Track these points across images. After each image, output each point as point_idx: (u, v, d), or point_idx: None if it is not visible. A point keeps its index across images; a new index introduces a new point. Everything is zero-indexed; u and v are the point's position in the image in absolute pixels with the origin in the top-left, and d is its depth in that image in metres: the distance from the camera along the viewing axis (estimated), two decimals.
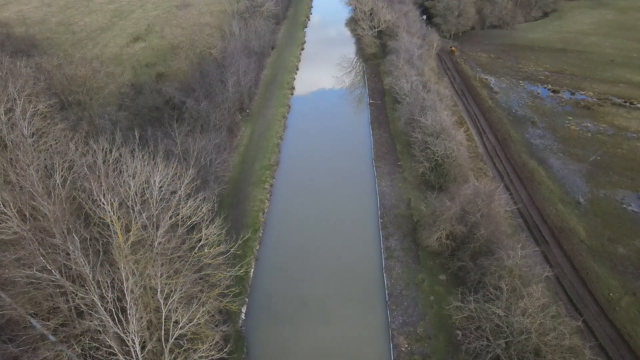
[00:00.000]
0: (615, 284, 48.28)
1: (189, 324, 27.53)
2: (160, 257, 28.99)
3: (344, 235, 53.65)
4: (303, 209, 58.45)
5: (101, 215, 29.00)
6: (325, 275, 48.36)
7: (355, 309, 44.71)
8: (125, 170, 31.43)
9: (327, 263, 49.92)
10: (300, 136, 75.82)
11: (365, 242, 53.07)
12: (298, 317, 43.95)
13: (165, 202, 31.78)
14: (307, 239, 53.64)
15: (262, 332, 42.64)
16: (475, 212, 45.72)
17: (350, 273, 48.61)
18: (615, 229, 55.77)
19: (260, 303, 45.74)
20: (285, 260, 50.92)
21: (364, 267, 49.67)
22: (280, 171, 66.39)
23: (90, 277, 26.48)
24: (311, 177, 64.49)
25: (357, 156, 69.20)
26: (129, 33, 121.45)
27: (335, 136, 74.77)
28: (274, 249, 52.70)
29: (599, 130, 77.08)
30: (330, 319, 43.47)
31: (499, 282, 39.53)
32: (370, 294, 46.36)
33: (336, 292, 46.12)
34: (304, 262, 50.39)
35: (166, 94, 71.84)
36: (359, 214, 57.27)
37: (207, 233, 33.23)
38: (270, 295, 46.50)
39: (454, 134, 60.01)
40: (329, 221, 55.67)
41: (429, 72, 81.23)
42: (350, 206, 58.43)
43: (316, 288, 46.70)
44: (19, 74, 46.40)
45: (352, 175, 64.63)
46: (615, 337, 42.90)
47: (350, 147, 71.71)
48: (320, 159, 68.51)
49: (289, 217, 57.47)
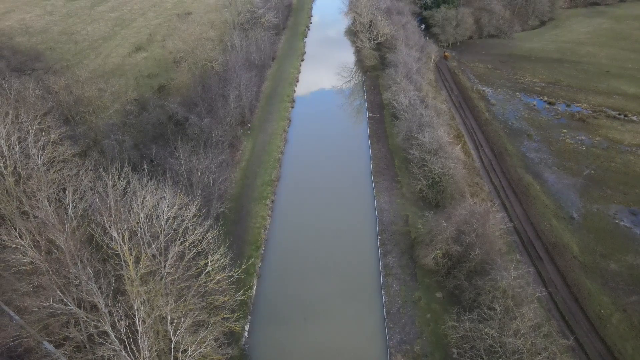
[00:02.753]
0: (606, 301, 49.78)
1: (198, 350, 29.06)
2: (168, 287, 30.50)
3: (343, 252, 55.20)
4: (304, 225, 60.00)
5: (113, 247, 30.50)
6: (325, 291, 49.89)
7: (354, 325, 46.28)
8: (134, 201, 32.93)
9: (327, 280, 51.45)
10: (300, 150, 77.33)
11: (364, 258, 54.64)
12: (299, 333, 45.51)
13: (172, 229, 33.28)
14: (308, 255, 55.17)
15: (264, 348, 44.17)
16: (470, 232, 47.29)
17: (349, 290, 50.18)
18: (607, 245, 57.24)
19: (263, 319, 47.27)
20: (286, 277, 52.47)
21: (363, 284, 51.25)
22: (281, 187, 67.94)
23: (102, 306, 28.00)
24: (312, 193, 66.01)
25: (356, 171, 70.75)
26: (130, 42, 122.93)
27: (334, 151, 76.27)
28: (276, 265, 54.24)
29: (593, 144, 78.61)
30: (330, 335, 45.02)
31: (493, 302, 41.14)
32: (368, 311, 47.91)
33: (336, 309, 47.70)
34: (304, 278, 51.95)
35: (169, 110, 73.36)
36: (358, 230, 58.84)
37: (213, 259, 34.77)
38: (272, 312, 48.05)
39: (451, 151, 61.57)
40: (329, 238, 57.21)
41: (427, 87, 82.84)
42: (349, 222, 59.99)
43: (316, 304, 48.24)
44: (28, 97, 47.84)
45: (351, 190, 66.20)
46: (605, 354, 44.43)
47: (350, 162, 73.27)
48: (320, 175, 70.03)
49: (290, 233, 59.02)
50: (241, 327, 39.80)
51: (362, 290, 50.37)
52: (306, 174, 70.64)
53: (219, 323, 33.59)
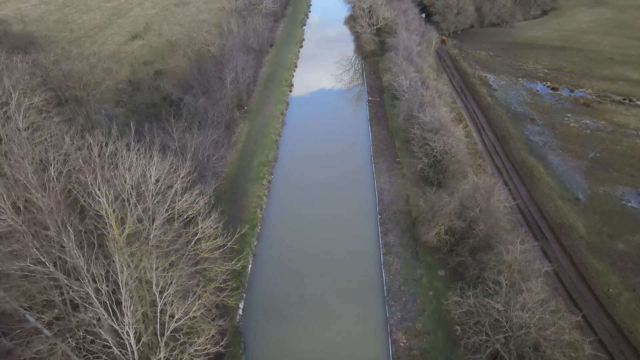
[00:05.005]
0: (614, 280, 48.00)
1: (185, 317, 27.20)
2: (155, 250, 28.67)
3: (342, 231, 53.36)
4: (301, 205, 58.14)
5: (96, 208, 28.64)
6: (323, 270, 48.06)
7: (353, 304, 44.41)
8: (121, 164, 31.09)
9: (325, 259, 49.61)
10: (298, 133, 75.52)
11: (363, 238, 52.78)
12: (295, 312, 43.65)
13: (161, 195, 31.45)
14: (305, 235, 53.33)
15: (259, 327, 42.34)
16: (474, 207, 45.44)
17: (348, 269, 48.31)
18: (614, 225, 55.47)
19: (258, 298, 45.43)
20: (283, 256, 50.63)
21: (362, 263, 49.39)
22: (279, 168, 66.09)
23: (84, 269, 26.14)
24: (309, 173, 64.20)
25: (355, 153, 68.90)
26: (127, 31, 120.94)
27: (333, 133, 74.47)
28: (272, 244, 52.40)
29: (598, 128, 76.83)
30: (328, 315, 43.15)
31: (498, 277, 39.27)
32: (368, 290, 46.06)
33: (334, 288, 45.83)
34: (301, 257, 50.09)
35: (164, 91, 71.52)
36: (357, 210, 56.98)
37: (204, 226, 32.93)
38: (268, 291, 46.21)
39: (453, 130, 59.74)
40: (327, 217, 55.34)
41: (428, 69, 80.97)
42: (348, 202, 58.14)
43: (314, 283, 46.40)
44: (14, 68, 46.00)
45: (350, 171, 64.34)
46: (615, 333, 42.64)
47: (349, 143, 71.42)
48: (318, 156, 68.19)
49: (287, 213, 57.16)
50: (235, 302, 37.89)
51: (361, 268, 48.50)
52: (304, 156, 68.78)
53: (209, 291, 31.74)
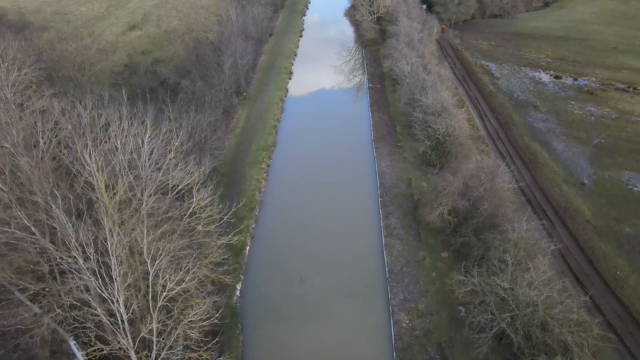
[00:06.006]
0: (622, 263, 46.75)
1: (178, 288, 25.88)
2: (148, 219, 27.37)
3: (341, 214, 52.04)
4: (300, 188, 56.83)
5: (86, 176, 27.32)
6: (322, 252, 46.75)
7: (353, 286, 43.09)
8: (112, 132, 29.79)
9: (325, 241, 48.30)
10: (298, 120, 74.21)
11: (364, 220, 51.49)
12: (294, 294, 42.31)
13: (155, 163, 30.14)
14: (305, 218, 52.01)
15: (257, 308, 41.03)
16: (478, 187, 44.16)
17: (348, 251, 46.98)
18: (621, 209, 54.26)
19: (256, 280, 44.13)
20: (282, 239, 49.35)
21: (363, 245, 48.10)
22: (278, 152, 64.77)
23: (72, 235, 24.82)
24: (309, 158, 62.89)
25: (355, 138, 67.57)
26: (125, 22, 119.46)
27: (333, 120, 73.18)
28: (271, 227, 51.09)
29: (603, 114, 75.60)
30: (327, 297, 41.80)
31: (504, 255, 37.99)
32: (369, 271, 44.75)
33: (334, 269, 44.50)
34: (301, 240, 48.78)
35: (161, 75, 70.20)
36: (358, 193, 55.68)
37: (199, 198, 31.63)
38: (267, 272, 44.93)
39: (455, 112, 58.46)
40: (326, 200, 54.03)
41: (430, 56, 79.67)
42: (348, 186, 56.84)
43: (313, 265, 45.08)
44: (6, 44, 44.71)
45: (350, 156, 63.01)
46: (623, 315, 41.37)
47: (349, 129, 70.12)
48: (318, 142, 66.82)
49: (286, 196, 55.86)
50: (231, 281, 36.59)
51: (361, 250, 47.18)
52: (303, 141, 67.45)
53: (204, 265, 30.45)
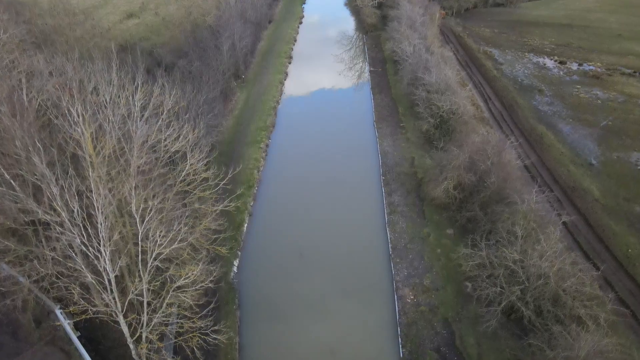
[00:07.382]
0: (633, 241, 45.12)
1: (170, 248, 24.17)
2: (137, 177, 25.67)
3: (342, 192, 50.36)
4: (300, 168, 55.16)
5: (71, 131, 25.58)
6: (322, 229, 45.10)
7: (356, 263, 41.38)
8: (101, 88, 28.07)
9: (325, 219, 46.60)
10: (298, 102, 72.56)
11: (366, 199, 49.82)
12: (293, 271, 40.66)
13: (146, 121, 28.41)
14: (304, 196, 50.32)
15: (255, 285, 39.39)
16: (485, 160, 42.51)
17: (349, 227, 45.33)
18: (630, 189, 52.63)
19: (254, 257, 42.50)
20: (281, 217, 47.66)
21: (364, 222, 46.43)
22: (277, 133, 63.07)
23: (54, 189, 23.09)
24: (308, 138, 61.21)
25: (357, 119, 65.89)
26: (122, 10, 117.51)
27: (334, 101, 71.56)
28: (269, 205, 49.41)
29: (609, 98, 73.96)
30: (329, 274, 40.12)
31: (513, 227, 36.30)
32: (371, 249, 43.07)
33: (334, 246, 42.82)
34: (300, 218, 47.11)
35: (157, 56, 68.47)
36: (359, 171, 54.01)
37: (193, 162, 29.94)
38: (265, 250, 43.26)
39: (459, 91, 56.77)
40: (327, 178, 52.36)
41: (432, 38, 77.96)
42: (349, 164, 55.16)
43: (313, 242, 43.44)
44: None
45: (351, 136, 61.33)
46: (636, 291, 39.71)
47: (350, 111, 68.46)
48: (318, 123, 65.18)
49: (286, 175, 54.18)
50: (227, 253, 34.90)
51: (363, 227, 45.52)
52: (303, 122, 65.79)
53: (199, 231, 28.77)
